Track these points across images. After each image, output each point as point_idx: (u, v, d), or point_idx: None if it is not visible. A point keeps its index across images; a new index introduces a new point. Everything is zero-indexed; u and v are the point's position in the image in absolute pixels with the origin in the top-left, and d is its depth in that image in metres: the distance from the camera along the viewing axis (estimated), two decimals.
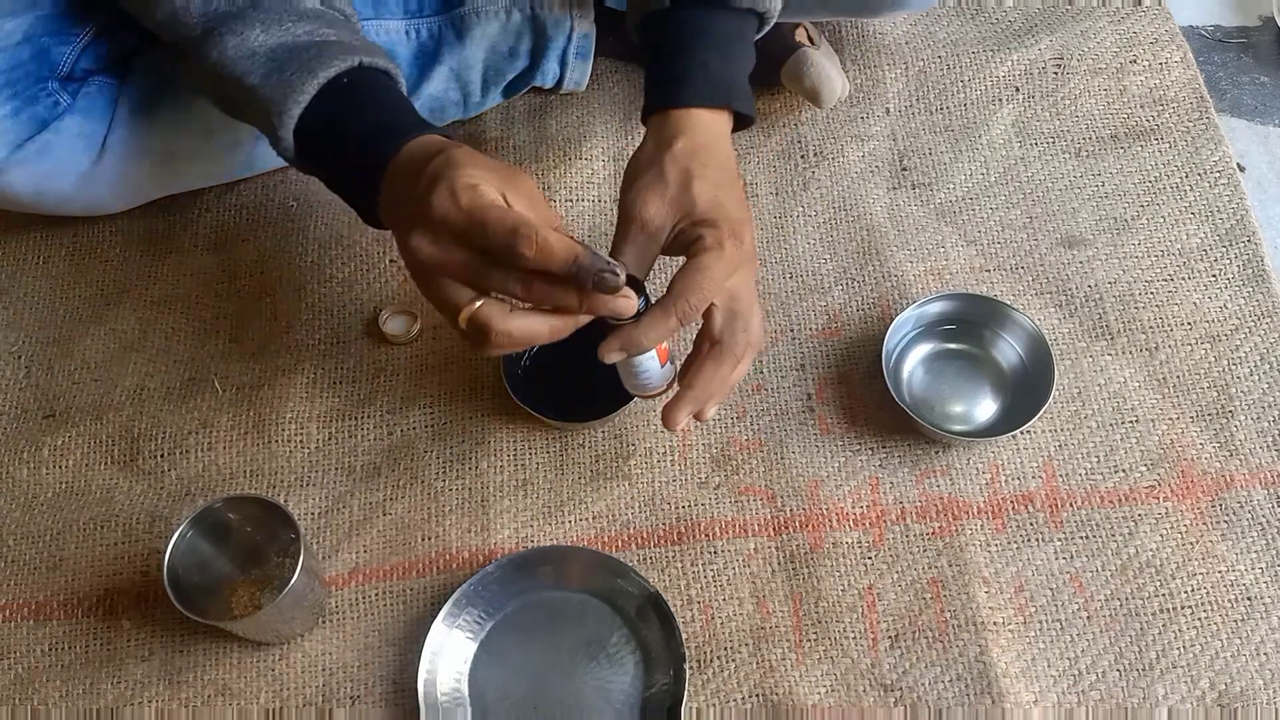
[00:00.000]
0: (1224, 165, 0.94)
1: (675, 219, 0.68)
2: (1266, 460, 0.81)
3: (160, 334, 0.90)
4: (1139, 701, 0.73)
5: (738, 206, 0.69)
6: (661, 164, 0.69)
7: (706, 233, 0.67)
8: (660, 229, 0.68)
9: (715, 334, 0.68)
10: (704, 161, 0.69)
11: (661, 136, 0.70)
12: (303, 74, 0.67)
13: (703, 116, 0.71)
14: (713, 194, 0.68)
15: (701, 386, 0.68)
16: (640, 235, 0.68)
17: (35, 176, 0.85)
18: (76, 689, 0.76)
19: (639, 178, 0.69)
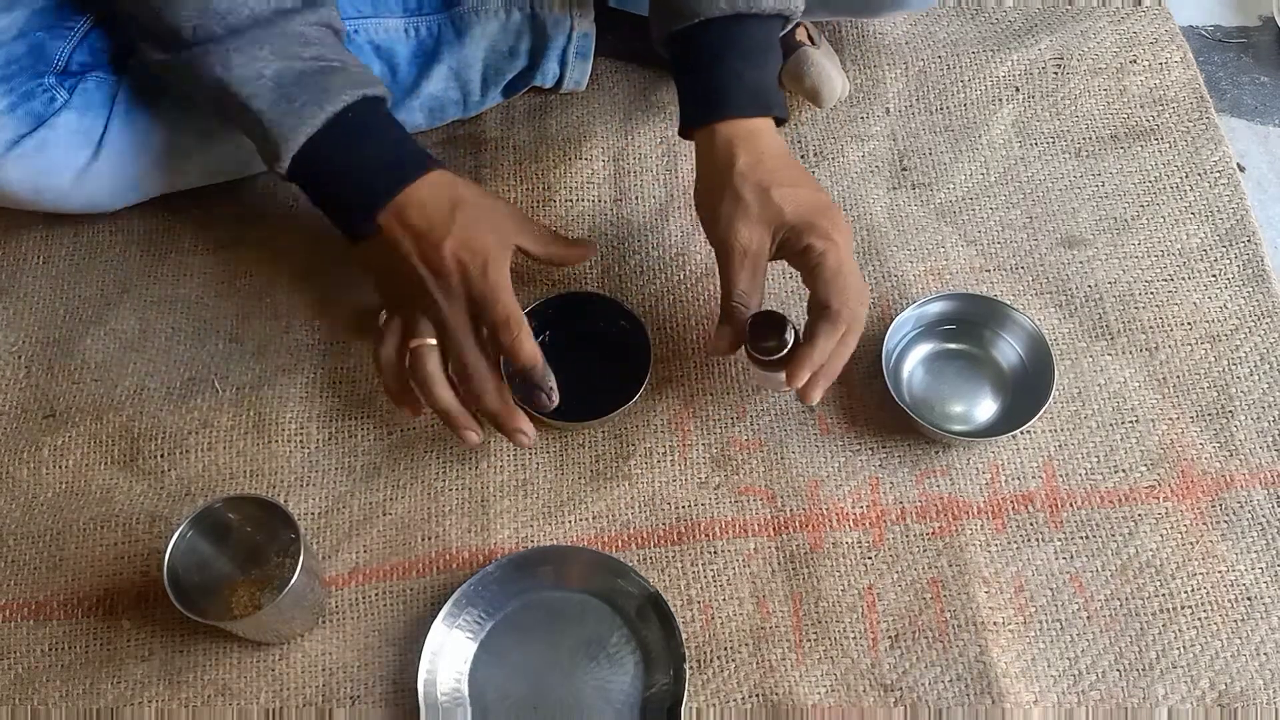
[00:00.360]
0: (1224, 165, 0.94)
1: (771, 234, 0.72)
2: (1267, 460, 0.81)
3: (160, 334, 0.90)
4: (1139, 701, 0.73)
5: (818, 194, 0.73)
6: (735, 187, 0.72)
7: (812, 240, 0.71)
8: (760, 250, 0.72)
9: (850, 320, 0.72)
10: (770, 168, 0.72)
11: (717, 157, 0.74)
12: (312, 106, 0.72)
13: (746, 125, 0.74)
14: (793, 195, 0.72)
15: (834, 363, 0.73)
16: (746, 262, 0.73)
17: (32, 173, 0.84)
18: (76, 689, 0.76)
19: (719, 208, 0.73)
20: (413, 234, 0.73)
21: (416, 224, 0.73)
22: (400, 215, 0.73)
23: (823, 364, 0.72)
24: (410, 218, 0.73)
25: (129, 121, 0.85)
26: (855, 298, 0.71)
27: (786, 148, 0.75)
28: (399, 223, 0.73)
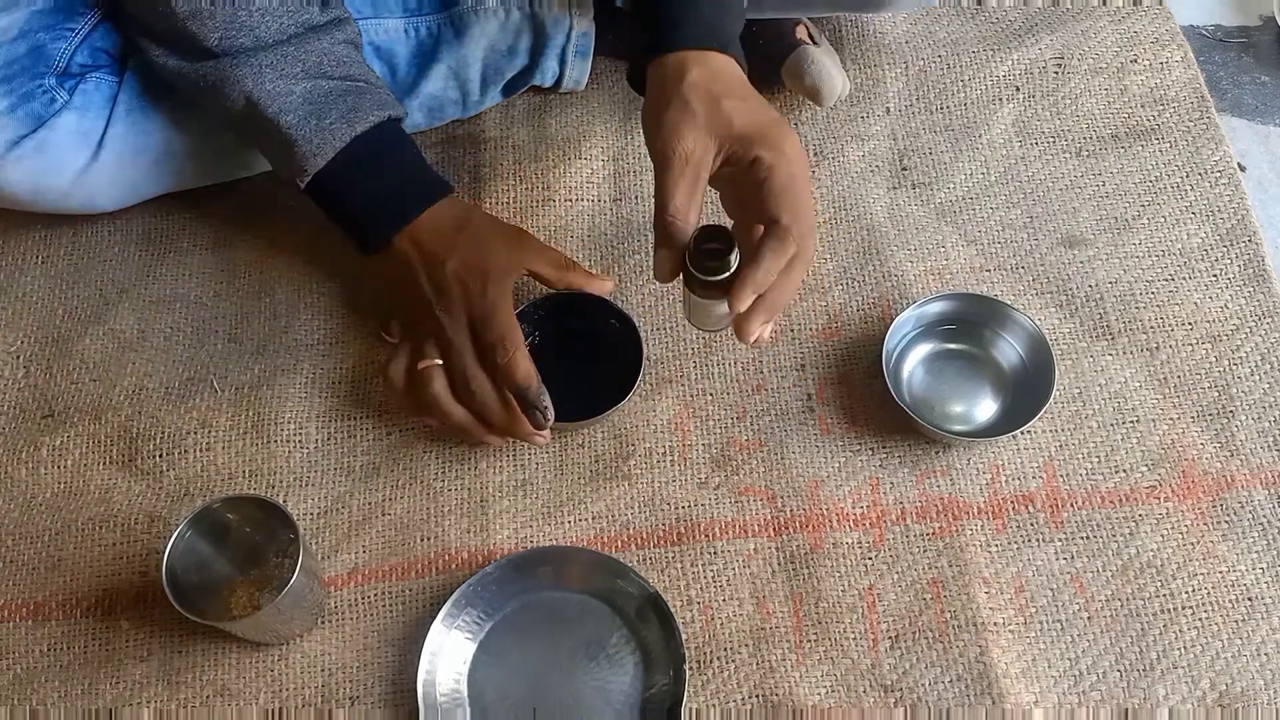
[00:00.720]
0: (1225, 165, 0.94)
1: (716, 144, 0.67)
2: (1267, 460, 0.81)
3: (159, 334, 0.89)
4: (1140, 702, 0.73)
5: (770, 111, 0.69)
6: (683, 95, 0.67)
7: (760, 151, 0.66)
8: (703, 158, 0.67)
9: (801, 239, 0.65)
10: (724, 82, 0.69)
11: (668, 75, 0.69)
12: (341, 125, 0.75)
13: (702, 54, 0.70)
14: (744, 107, 0.67)
15: (777, 292, 0.65)
16: (686, 169, 0.67)
17: (32, 174, 0.84)
18: (75, 689, 0.76)
19: (664, 115, 0.68)
20: (422, 255, 0.77)
21: (426, 245, 0.77)
22: (414, 237, 0.77)
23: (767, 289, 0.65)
24: (422, 239, 0.77)
25: (129, 123, 0.85)
26: (805, 216, 0.65)
27: (744, 76, 0.71)
28: (412, 244, 0.77)
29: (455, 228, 0.77)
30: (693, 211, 0.67)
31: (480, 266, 0.75)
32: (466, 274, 0.75)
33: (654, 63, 0.71)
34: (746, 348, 0.86)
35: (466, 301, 0.75)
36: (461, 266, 0.75)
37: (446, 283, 0.76)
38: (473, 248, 0.76)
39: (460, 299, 0.75)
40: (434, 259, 0.76)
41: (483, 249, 0.76)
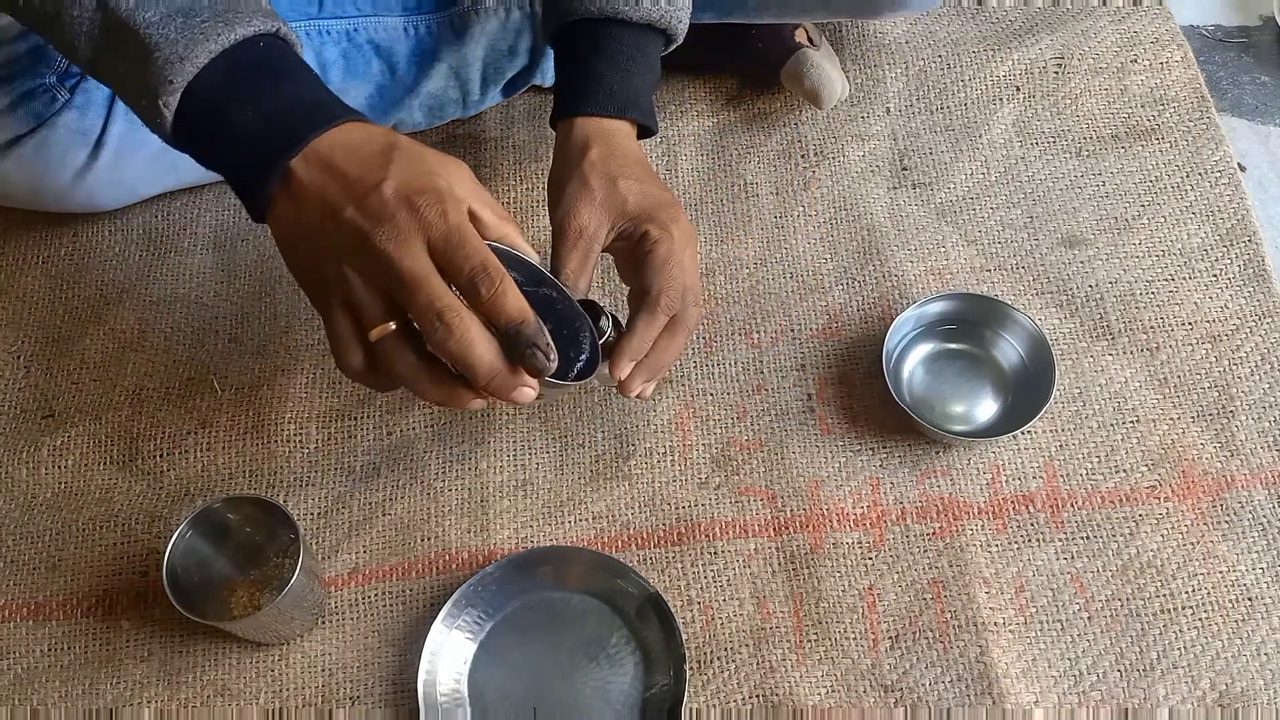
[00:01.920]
0: (1225, 165, 0.94)
1: (610, 221, 0.71)
2: (1267, 460, 0.81)
3: (159, 334, 0.89)
4: (1140, 702, 0.73)
5: (664, 192, 0.72)
6: (583, 173, 0.71)
7: (649, 228, 0.70)
8: (596, 234, 0.70)
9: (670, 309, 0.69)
10: (620, 162, 0.72)
11: (572, 146, 0.73)
12: (217, 24, 0.59)
13: (605, 124, 0.74)
14: (639, 189, 0.71)
15: (658, 356, 0.70)
16: (580, 242, 0.70)
17: (32, 173, 0.84)
18: (76, 689, 0.76)
19: (564, 189, 0.71)
20: (342, 180, 0.58)
21: (346, 168, 0.59)
22: (324, 160, 0.59)
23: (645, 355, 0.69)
24: (338, 162, 0.59)
25: (129, 121, 0.85)
26: (679, 289, 0.68)
27: (642, 154, 0.75)
28: (322, 169, 0.59)
29: (380, 149, 0.59)
30: (582, 280, 0.70)
31: (430, 187, 0.58)
32: (416, 195, 0.57)
33: (562, 122, 0.74)
34: (747, 348, 0.87)
35: (422, 225, 0.57)
36: (405, 187, 0.58)
37: (388, 207, 0.57)
38: (414, 168, 0.59)
39: (412, 224, 0.57)
40: (361, 184, 0.58)
41: (427, 170, 0.59)
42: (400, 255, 0.57)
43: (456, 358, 0.58)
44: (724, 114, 0.99)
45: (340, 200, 0.58)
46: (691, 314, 0.71)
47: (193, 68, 0.58)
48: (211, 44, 0.58)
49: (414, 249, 0.57)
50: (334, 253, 0.59)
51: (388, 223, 0.57)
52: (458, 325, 0.57)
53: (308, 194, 0.59)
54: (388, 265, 0.57)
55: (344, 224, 0.58)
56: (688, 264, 0.70)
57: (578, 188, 0.71)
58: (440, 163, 0.61)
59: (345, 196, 0.58)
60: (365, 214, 0.57)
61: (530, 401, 0.62)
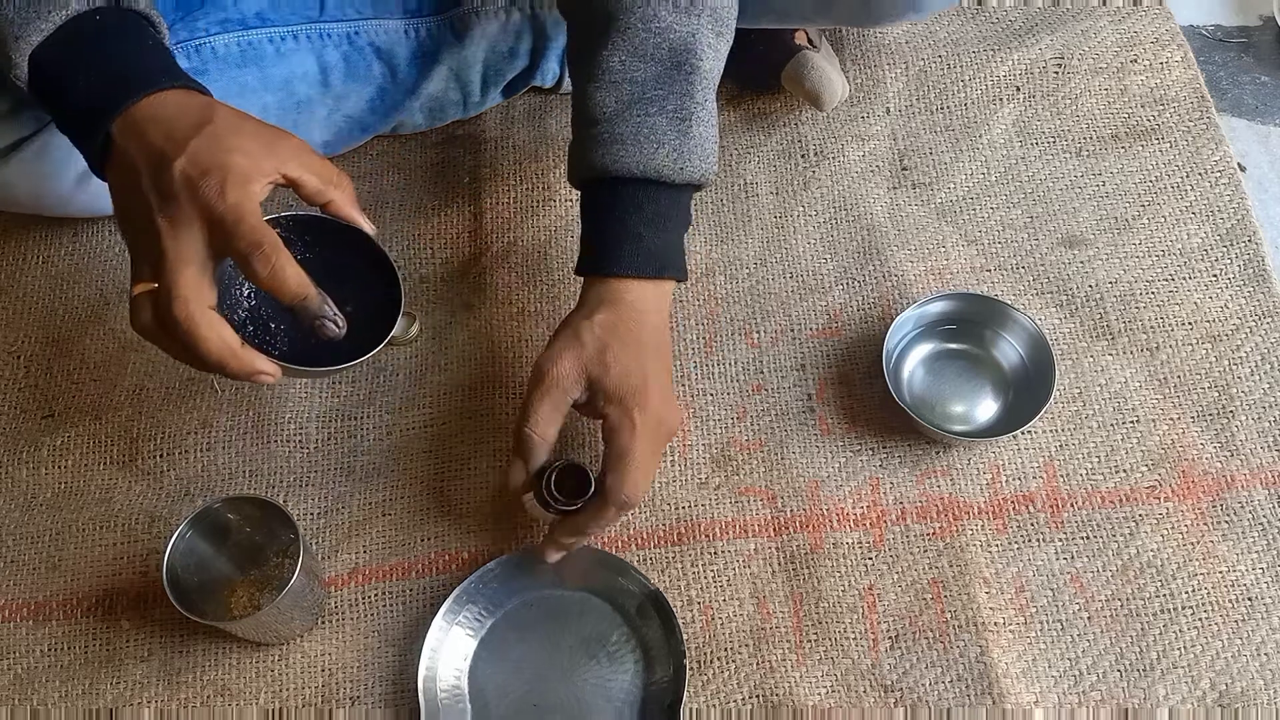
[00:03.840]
0: (1225, 165, 0.94)
1: (585, 381, 0.71)
2: (1267, 460, 0.81)
3: None
4: (1140, 702, 0.73)
5: (651, 377, 0.71)
6: (579, 329, 0.72)
7: (611, 411, 0.70)
8: (570, 387, 0.71)
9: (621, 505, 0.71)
10: (624, 332, 0.71)
11: (587, 303, 0.73)
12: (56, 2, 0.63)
13: (633, 285, 0.72)
14: (624, 362, 0.71)
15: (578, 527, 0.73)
16: (553, 390, 0.71)
17: (34, 177, 0.84)
18: (76, 689, 0.76)
19: (558, 339, 0.72)
20: (146, 152, 0.61)
21: (153, 140, 0.61)
22: (138, 130, 0.61)
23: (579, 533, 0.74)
24: (148, 133, 0.61)
25: None
26: (630, 486, 0.70)
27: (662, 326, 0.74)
28: (135, 138, 0.61)
29: (192, 123, 0.61)
30: (550, 428, 0.72)
31: (217, 165, 0.60)
32: (198, 174, 0.59)
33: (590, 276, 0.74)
34: (747, 348, 0.87)
35: (199, 207, 0.59)
36: (192, 165, 0.59)
37: (172, 185, 0.59)
38: (210, 145, 0.60)
39: (190, 204, 0.59)
40: (160, 157, 0.60)
41: (222, 147, 0.60)
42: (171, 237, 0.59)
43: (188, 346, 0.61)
44: (724, 114, 0.99)
45: (143, 171, 0.61)
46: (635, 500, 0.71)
47: (27, 46, 0.63)
48: (44, 22, 0.63)
49: (181, 229, 0.59)
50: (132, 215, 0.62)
51: (170, 202, 0.60)
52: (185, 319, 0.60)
53: (123, 161, 0.62)
54: (158, 241, 0.60)
55: (139, 196, 0.61)
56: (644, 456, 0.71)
57: (569, 339, 0.72)
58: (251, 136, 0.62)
59: (145, 168, 0.61)
60: (155, 189, 0.60)
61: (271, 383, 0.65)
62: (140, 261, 0.62)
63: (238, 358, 0.61)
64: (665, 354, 0.74)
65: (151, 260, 0.61)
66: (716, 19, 0.73)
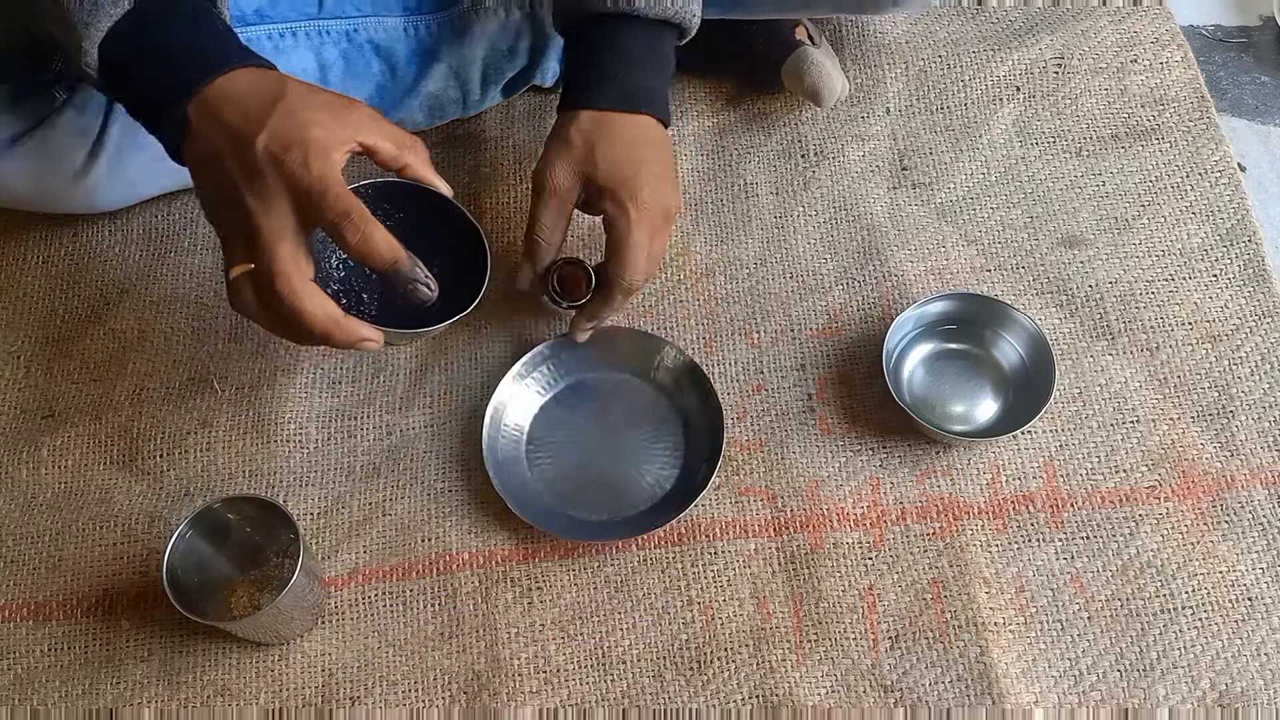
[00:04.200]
0: (1225, 165, 0.94)
1: (581, 181, 0.75)
2: (1267, 460, 0.81)
3: (159, 334, 0.89)
4: (1140, 702, 0.73)
5: (634, 165, 0.75)
6: (568, 134, 0.75)
7: (607, 205, 0.74)
8: (567, 194, 0.75)
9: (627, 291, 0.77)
10: (611, 130, 0.75)
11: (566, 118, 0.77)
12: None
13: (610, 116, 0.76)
14: (612, 158, 0.74)
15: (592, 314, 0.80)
16: (553, 200, 0.75)
17: (32, 172, 0.84)
18: (76, 689, 0.76)
19: (549, 149, 0.76)
20: (226, 131, 0.61)
21: (230, 119, 0.61)
22: (214, 110, 0.62)
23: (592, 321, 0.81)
24: (225, 113, 0.62)
25: (127, 121, 0.84)
26: (631, 272, 0.75)
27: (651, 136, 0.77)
28: (211, 118, 0.62)
29: (267, 99, 0.62)
30: (555, 235, 0.77)
31: (298, 139, 0.60)
32: (281, 149, 0.60)
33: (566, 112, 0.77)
34: (747, 348, 0.87)
35: (286, 182, 0.60)
36: (273, 140, 0.60)
37: (257, 163, 0.60)
38: (288, 119, 0.61)
39: (276, 180, 0.60)
40: (240, 136, 0.61)
41: (300, 120, 0.61)
42: (261, 213, 0.60)
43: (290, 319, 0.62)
44: (724, 114, 0.99)
45: (223, 151, 0.61)
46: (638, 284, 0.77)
47: (98, 32, 0.62)
48: (113, 8, 0.62)
49: (271, 205, 0.60)
50: (219, 195, 0.63)
51: (256, 179, 0.60)
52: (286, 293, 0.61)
53: (200, 143, 0.63)
54: (248, 220, 0.61)
55: (223, 175, 0.61)
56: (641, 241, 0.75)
57: (558, 145, 0.75)
58: (324, 108, 0.63)
59: (227, 148, 0.61)
60: (240, 168, 0.61)
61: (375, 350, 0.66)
62: (233, 243, 0.63)
63: (341, 327, 0.62)
64: (658, 146, 0.77)
65: (245, 239, 0.62)
66: None
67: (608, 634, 0.77)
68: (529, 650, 0.76)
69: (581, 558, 0.79)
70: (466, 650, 0.76)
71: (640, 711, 0.74)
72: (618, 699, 0.74)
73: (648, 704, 0.74)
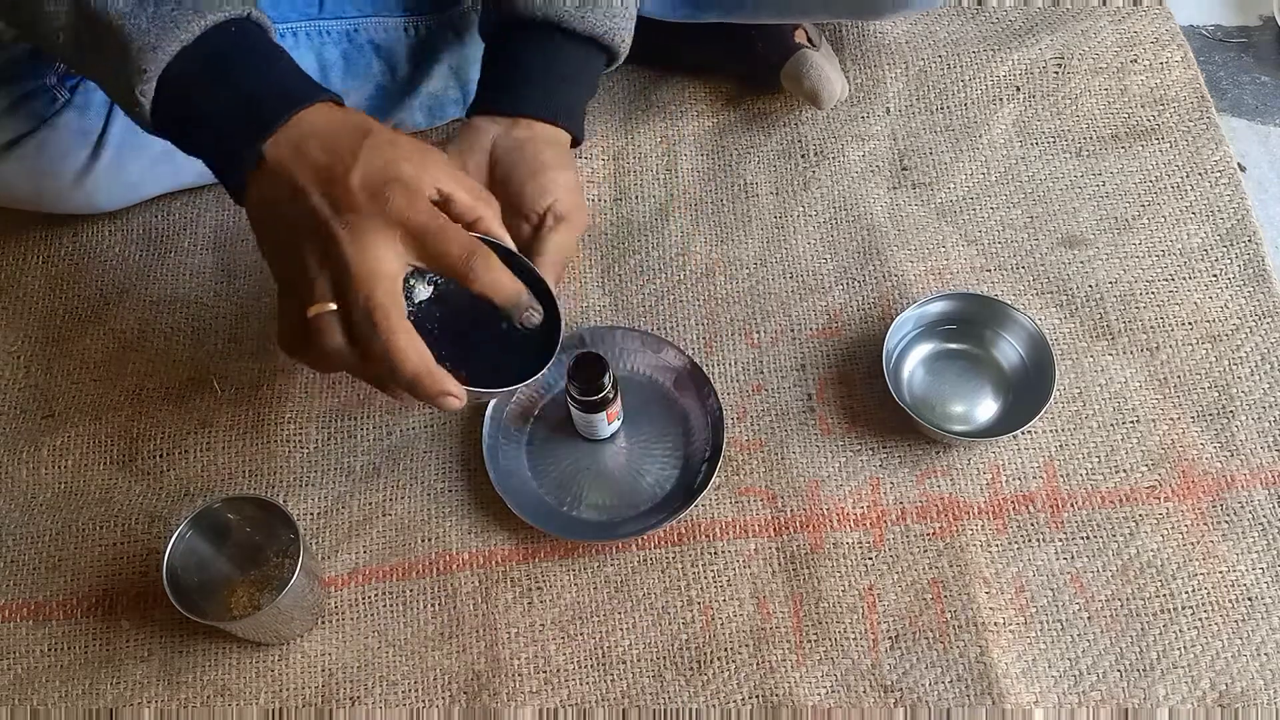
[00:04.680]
0: (1225, 165, 0.94)
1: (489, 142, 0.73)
2: (1267, 460, 0.81)
3: (159, 334, 0.89)
4: (1140, 702, 0.73)
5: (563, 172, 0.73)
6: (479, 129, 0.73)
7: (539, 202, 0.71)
8: None
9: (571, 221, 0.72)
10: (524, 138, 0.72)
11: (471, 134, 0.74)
12: (187, 11, 0.60)
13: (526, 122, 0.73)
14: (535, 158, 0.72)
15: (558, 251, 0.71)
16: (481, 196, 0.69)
17: (33, 173, 0.84)
18: (76, 689, 0.76)
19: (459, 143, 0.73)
20: (313, 166, 0.59)
21: (316, 155, 0.59)
22: (297, 146, 0.60)
23: None
24: (310, 149, 0.60)
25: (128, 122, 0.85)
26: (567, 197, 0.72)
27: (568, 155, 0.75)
28: (295, 155, 0.60)
29: (354, 135, 0.60)
30: None
31: (396, 175, 0.59)
32: (380, 184, 0.58)
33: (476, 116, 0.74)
34: (747, 348, 0.87)
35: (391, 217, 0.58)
36: (371, 175, 0.59)
37: (352, 196, 0.58)
38: (380, 156, 0.60)
39: (376, 215, 0.58)
40: (329, 170, 0.59)
41: (392, 158, 0.60)
42: (355, 248, 0.58)
43: (380, 359, 0.59)
44: (724, 114, 0.99)
45: (309, 186, 0.59)
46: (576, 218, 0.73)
47: (165, 56, 0.59)
48: (182, 32, 0.59)
49: (368, 240, 0.58)
50: (296, 234, 0.60)
51: (350, 212, 0.58)
52: (385, 328, 0.58)
53: (278, 178, 0.60)
54: (339, 252, 0.58)
55: (309, 209, 0.59)
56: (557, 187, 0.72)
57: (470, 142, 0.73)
58: (412, 149, 0.61)
59: (314, 183, 0.59)
60: (330, 202, 0.59)
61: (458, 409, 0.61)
62: (306, 281, 0.60)
63: (432, 375, 0.59)
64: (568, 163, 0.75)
65: (333, 275, 0.59)
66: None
67: (608, 634, 0.77)
68: (529, 650, 0.76)
69: (581, 558, 0.79)
70: (466, 650, 0.76)
71: (640, 711, 0.74)
72: (618, 699, 0.75)
73: (648, 704, 0.74)
